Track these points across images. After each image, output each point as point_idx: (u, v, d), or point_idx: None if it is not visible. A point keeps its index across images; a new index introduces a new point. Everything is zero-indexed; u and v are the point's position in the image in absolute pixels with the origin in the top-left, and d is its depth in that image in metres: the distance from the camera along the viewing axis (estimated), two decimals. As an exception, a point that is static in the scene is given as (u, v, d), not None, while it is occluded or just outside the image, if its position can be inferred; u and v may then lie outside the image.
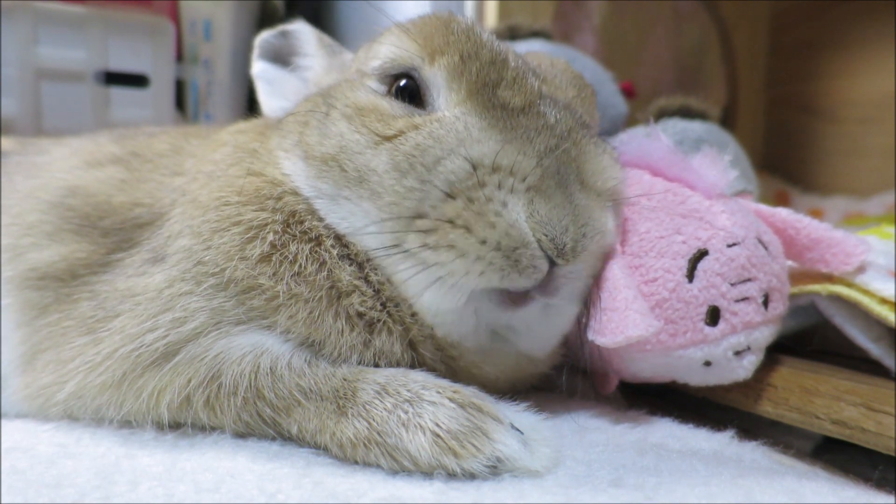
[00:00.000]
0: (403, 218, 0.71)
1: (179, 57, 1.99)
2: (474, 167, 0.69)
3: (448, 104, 0.76)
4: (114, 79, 1.72)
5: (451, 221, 0.68)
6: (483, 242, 0.67)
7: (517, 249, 0.67)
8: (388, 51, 0.80)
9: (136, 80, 1.76)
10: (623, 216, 0.83)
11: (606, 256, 0.79)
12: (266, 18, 2.17)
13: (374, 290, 0.75)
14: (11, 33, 1.57)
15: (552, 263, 0.69)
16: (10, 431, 0.73)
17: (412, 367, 0.76)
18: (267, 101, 1.00)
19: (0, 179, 0.95)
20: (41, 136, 1.41)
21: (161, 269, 0.75)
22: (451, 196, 0.69)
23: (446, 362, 0.78)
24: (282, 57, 1.00)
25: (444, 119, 0.73)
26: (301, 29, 0.99)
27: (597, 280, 0.78)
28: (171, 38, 1.80)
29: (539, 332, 0.78)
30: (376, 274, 0.76)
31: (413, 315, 0.75)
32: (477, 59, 0.76)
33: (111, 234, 0.83)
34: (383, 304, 0.75)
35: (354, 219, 0.76)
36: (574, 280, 0.74)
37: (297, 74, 0.99)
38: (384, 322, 0.75)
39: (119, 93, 1.73)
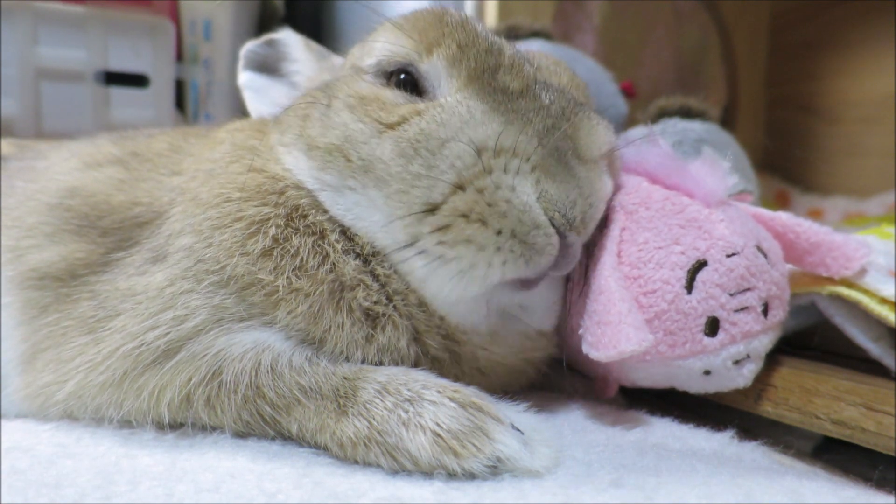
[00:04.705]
0: (415, 214, 0.71)
1: (179, 57, 1.99)
2: (479, 151, 0.70)
3: (449, 91, 0.77)
4: (114, 79, 1.72)
5: (464, 216, 0.68)
6: (499, 233, 0.68)
7: (531, 232, 0.68)
8: (382, 48, 0.81)
9: (136, 80, 1.75)
10: (619, 176, 0.85)
11: (606, 215, 0.80)
12: (266, 18, 2.18)
13: (380, 284, 0.76)
14: (11, 33, 1.57)
15: (562, 237, 0.71)
16: (10, 431, 0.73)
17: (416, 360, 0.76)
18: (256, 108, 1.01)
19: (0, 183, 0.95)
20: (41, 137, 1.42)
21: (162, 268, 0.75)
22: (460, 187, 0.69)
23: (451, 349, 0.78)
24: (268, 65, 1.01)
25: (446, 104, 0.74)
26: (287, 36, 1.00)
27: (590, 291, 0.78)
28: (171, 38, 1.80)
29: (546, 304, 0.81)
30: (383, 267, 0.76)
31: (420, 305, 0.76)
32: (474, 46, 0.77)
33: (110, 233, 0.83)
34: (389, 298, 0.76)
35: (360, 209, 0.76)
36: (579, 245, 0.76)
37: (286, 80, 1.00)
38: (389, 316, 0.75)
39: (119, 93, 1.73)
